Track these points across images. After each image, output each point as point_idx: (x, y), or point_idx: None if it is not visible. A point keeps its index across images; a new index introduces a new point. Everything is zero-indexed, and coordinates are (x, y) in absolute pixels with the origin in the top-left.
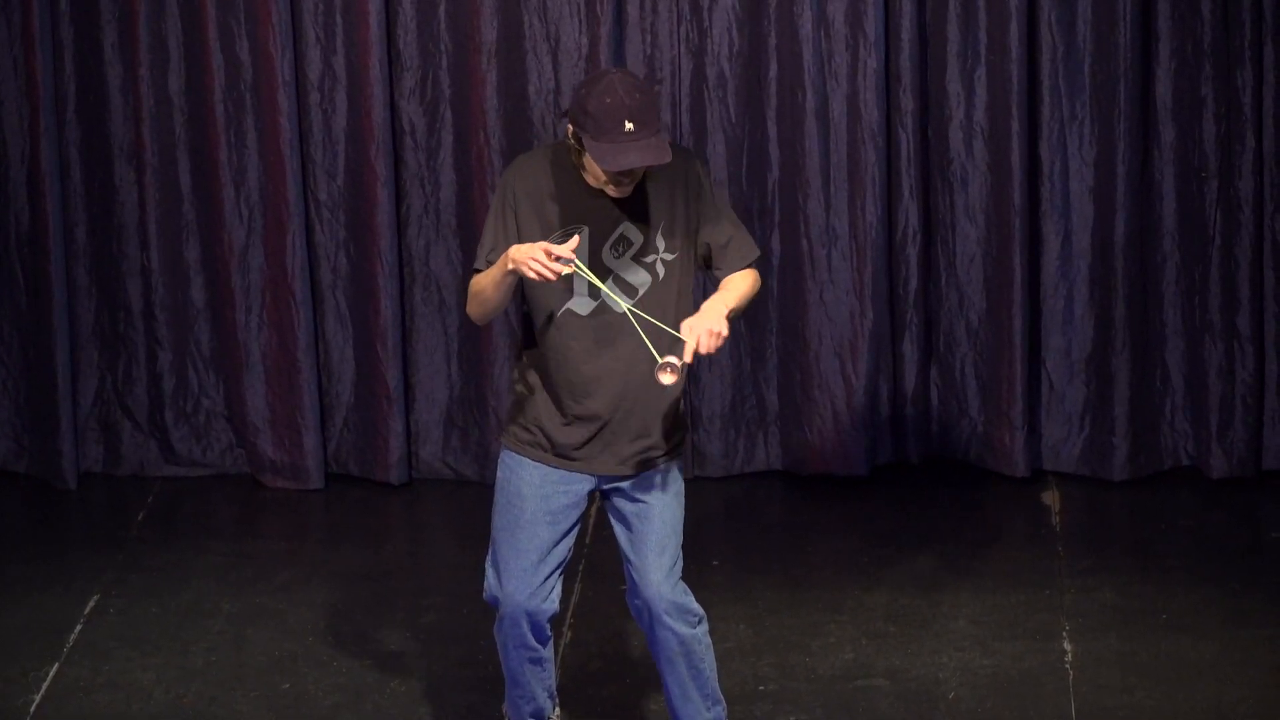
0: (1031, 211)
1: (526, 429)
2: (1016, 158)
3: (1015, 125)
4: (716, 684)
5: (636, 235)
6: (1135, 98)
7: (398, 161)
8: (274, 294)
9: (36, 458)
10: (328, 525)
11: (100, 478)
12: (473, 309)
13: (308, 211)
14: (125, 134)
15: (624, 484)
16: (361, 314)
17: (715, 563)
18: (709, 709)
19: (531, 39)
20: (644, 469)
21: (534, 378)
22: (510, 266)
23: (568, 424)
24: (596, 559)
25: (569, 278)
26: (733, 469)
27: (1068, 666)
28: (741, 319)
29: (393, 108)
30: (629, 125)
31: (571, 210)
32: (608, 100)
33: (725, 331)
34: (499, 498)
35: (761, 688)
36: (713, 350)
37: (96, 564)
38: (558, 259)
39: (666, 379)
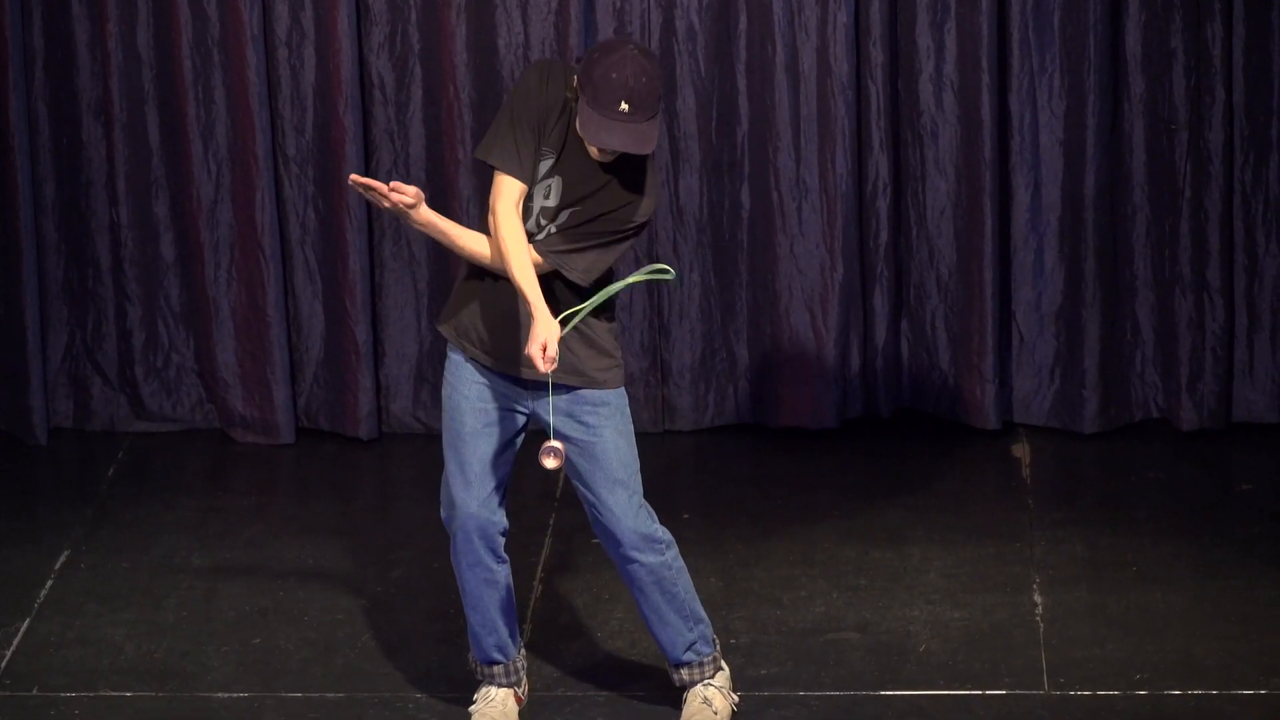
0: (1001, 164)
1: (459, 318)
2: (986, 110)
3: (985, 78)
4: (697, 604)
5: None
6: (1105, 50)
7: (367, 116)
8: (243, 249)
9: (6, 413)
10: (298, 480)
11: (70, 433)
12: (493, 260)
13: (276, 167)
14: (93, 89)
15: (557, 413)
16: (330, 269)
17: (685, 516)
18: (690, 629)
19: None
20: (572, 386)
21: (473, 271)
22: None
23: (493, 319)
24: (565, 515)
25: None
26: (703, 422)
27: (1038, 619)
28: (712, 272)
29: (361, 62)
30: (624, 106)
31: (560, 144)
32: (614, 75)
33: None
34: (444, 414)
35: (732, 641)
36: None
37: (67, 519)
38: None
39: (550, 463)
